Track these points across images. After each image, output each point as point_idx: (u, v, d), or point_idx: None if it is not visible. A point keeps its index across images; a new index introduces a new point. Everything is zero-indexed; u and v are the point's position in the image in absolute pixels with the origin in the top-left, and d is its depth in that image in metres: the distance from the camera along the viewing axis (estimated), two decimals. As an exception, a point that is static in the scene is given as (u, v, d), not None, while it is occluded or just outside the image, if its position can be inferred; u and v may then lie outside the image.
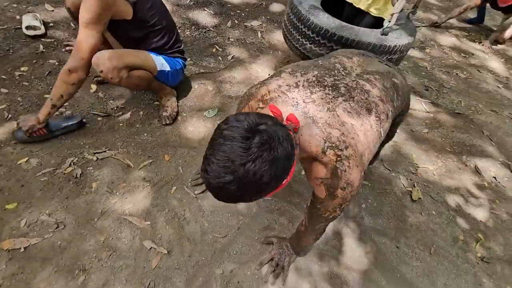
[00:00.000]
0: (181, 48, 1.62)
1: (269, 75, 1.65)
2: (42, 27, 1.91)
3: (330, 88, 0.83)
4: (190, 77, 1.95)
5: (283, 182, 0.68)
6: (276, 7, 2.93)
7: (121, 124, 1.58)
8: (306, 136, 0.75)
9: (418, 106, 2.25)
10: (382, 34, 1.59)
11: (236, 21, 2.61)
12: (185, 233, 1.24)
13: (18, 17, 2.03)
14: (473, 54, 3.09)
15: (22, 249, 1.09)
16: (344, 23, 1.60)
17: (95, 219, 1.20)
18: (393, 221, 1.48)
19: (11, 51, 1.81)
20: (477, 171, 1.86)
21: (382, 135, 0.87)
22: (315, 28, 1.59)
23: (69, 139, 1.45)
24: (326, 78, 0.86)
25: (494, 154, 2.02)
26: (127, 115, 1.63)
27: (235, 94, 1.94)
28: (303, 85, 0.82)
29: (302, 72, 0.87)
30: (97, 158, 1.40)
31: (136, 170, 1.40)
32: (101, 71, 1.24)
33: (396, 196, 1.59)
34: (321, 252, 1.29)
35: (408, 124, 2.07)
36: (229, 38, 2.40)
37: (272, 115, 0.70)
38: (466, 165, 1.89)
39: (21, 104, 1.54)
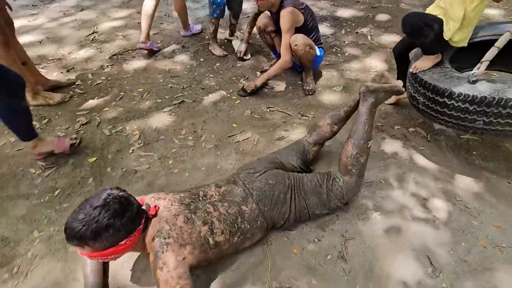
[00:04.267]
0: (322, 42, 2.36)
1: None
2: None
3: (185, 205, 1.19)
4: (319, 67, 2.67)
5: (127, 238, 0.98)
6: (382, 17, 3.49)
7: (279, 93, 2.39)
8: (151, 225, 1.10)
9: None
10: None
11: (348, 29, 3.28)
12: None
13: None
14: None
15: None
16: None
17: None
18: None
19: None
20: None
21: (211, 243, 1.15)
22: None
23: (251, 100, 2.32)
24: (186, 199, 1.23)
25: None
26: (282, 88, 2.44)
27: (354, 77, 2.55)
28: (168, 199, 1.20)
29: (175, 193, 1.25)
30: (269, 110, 2.21)
31: (293, 118, 2.14)
32: (296, 45, 2.09)
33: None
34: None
35: None
36: (344, 41, 3.07)
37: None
38: None
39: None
